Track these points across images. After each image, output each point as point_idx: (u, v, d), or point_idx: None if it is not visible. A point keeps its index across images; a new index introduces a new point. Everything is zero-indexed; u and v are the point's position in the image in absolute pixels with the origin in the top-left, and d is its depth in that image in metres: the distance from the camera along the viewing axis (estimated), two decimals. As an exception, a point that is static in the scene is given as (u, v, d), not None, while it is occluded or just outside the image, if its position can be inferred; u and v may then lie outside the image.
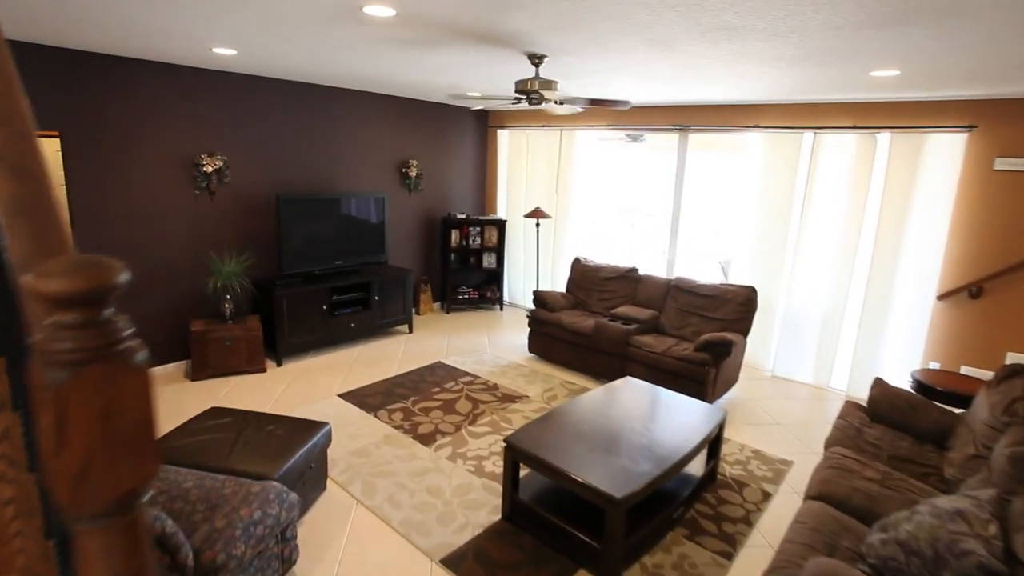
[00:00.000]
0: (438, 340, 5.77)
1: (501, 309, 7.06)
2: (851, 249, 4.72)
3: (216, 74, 4.57)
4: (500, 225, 6.81)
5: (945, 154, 4.27)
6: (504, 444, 2.86)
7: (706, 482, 3.28)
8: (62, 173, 3.91)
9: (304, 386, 4.51)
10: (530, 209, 6.73)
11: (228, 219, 4.85)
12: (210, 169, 4.60)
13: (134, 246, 4.34)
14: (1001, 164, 4.20)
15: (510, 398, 4.42)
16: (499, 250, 6.86)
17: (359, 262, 5.53)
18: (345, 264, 5.40)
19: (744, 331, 4.63)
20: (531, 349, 5.37)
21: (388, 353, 5.32)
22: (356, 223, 5.45)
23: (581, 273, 5.62)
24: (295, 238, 4.97)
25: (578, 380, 4.89)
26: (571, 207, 6.42)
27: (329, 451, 3.49)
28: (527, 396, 4.47)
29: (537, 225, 6.59)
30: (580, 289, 5.59)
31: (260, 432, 2.90)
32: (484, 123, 7.09)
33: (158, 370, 4.63)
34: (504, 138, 6.95)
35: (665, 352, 4.44)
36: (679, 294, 4.99)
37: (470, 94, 5.43)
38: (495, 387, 4.61)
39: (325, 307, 5.12)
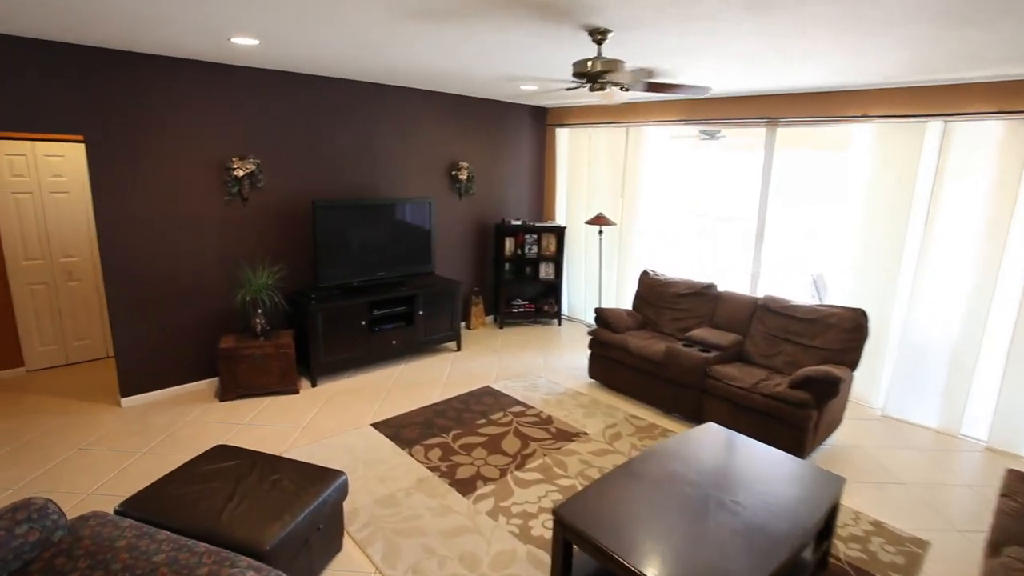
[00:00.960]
0: (488, 360, 5.23)
1: (559, 324, 6.46)
2: (993, 264, 3.79)
3: (246, 71, 4.24)
4: (559, 233, 6.22)
5: None
6: (553, 516, 2.25)
7: (815, 571, 2.54)
8: (87, 178, 3.65)
9: (337, 411, 4.08)
10: (592, 215, 6.10)
11: (261, 227, 4.52)
12: (241, 173, 4.28)
13: (161, 255, 4.06)
14: None
15: (566, 435, 3.80)
16: (558, 260, 6.26)
17: (403, 273, 5.08)
18: (387, 275, 4.97)
19: (852, 364, 3.80)
20: (592, 374, 4.73)
21: (432, 374, 4.83)
22: (400, 231, 5.01)
23: (650, 288, 4.92)
24: (332, 248, 4.58)
25: (645, 414, 4.20)
26: (638, 213, 5.73)
27: (351, 498, 3.01)
28: (585, 433, 3.84)
29: (600, 233, 5.94)
30: (649, 306, 4.90)
31: (263, 483, 2.44)
32: (542, 121, 6.52)
33: (185, 388, 4.34)
34: (564, 137, 6.35)
35: (753, 387, 3.68)
36: (768, 316, 4.20)
37: (524, 87, 4.88)
38: (549, 420, 4.00)
39: (364, 323, 4.69)
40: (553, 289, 6.46)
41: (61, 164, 4.63)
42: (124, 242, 3.88)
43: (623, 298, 5.96)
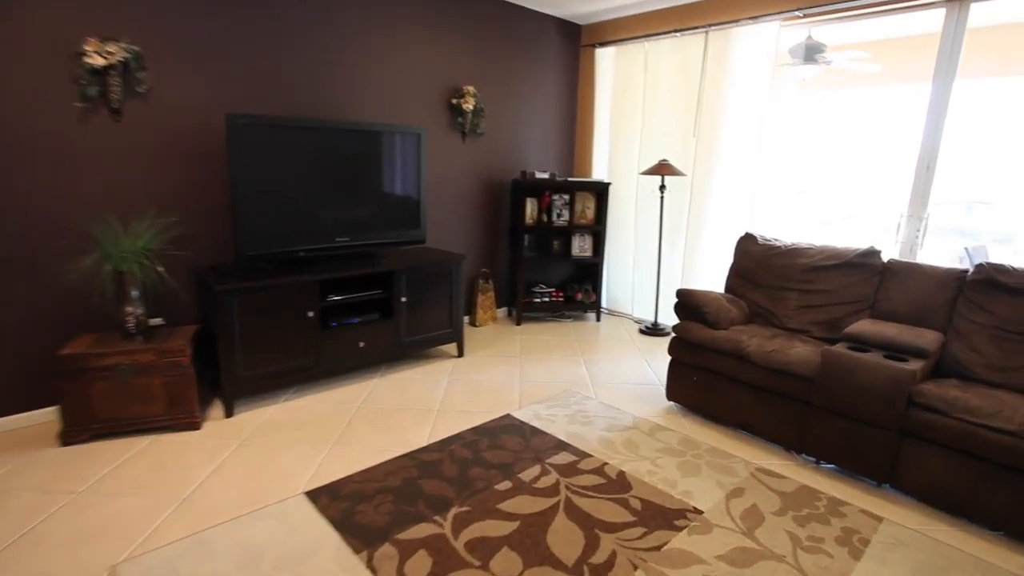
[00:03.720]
0: (505, 372, 3.49)
1: (597, 319, 4.72)
2: None
3: None
4: (600, 191, 4.48)
5: None
6: None
7: None
8: None
9: (253, 463, 2.35)
10: (651, 164, 4.36)
11: (146, 158, 2.79)
12: (102, 63, 2.54)
13: (-57, 195, 2.34)
14: None
15: (662, 514, 2.06)
16: (597, 230, 4.53)
17: (376, 241, 3.34)
18: (354, 243, 3.23)
19: None
20: (672, 395, 2.99)
21: (420, 395, 3.09)
22: (375, 177, 3.27)
23: (760, 261, 3.18)
24: (263, 196, 2.84)
25: (779, 463, 2.46)
26: (719, 158, 3.98)
27: None
28: (695, 510, 2.10)
29: (662, 189, 4.20)
30: (758, 289, 3.16)
31: None
32: (575, 39, 4.78)
33: (8, 423, 2.60)
34: (607, 60, 4.61)
35: (1022, 430, 1.95)
36: (991, 298, 2.47)
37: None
38: (624, 483, 2.26)
39: (313, 314, 2.95)
40: (590, 271, 4.72)
41: None
42: None
43: (694, 280, 4.22)
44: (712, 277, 4.10)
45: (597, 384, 3.32)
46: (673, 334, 2.96)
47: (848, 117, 3.62)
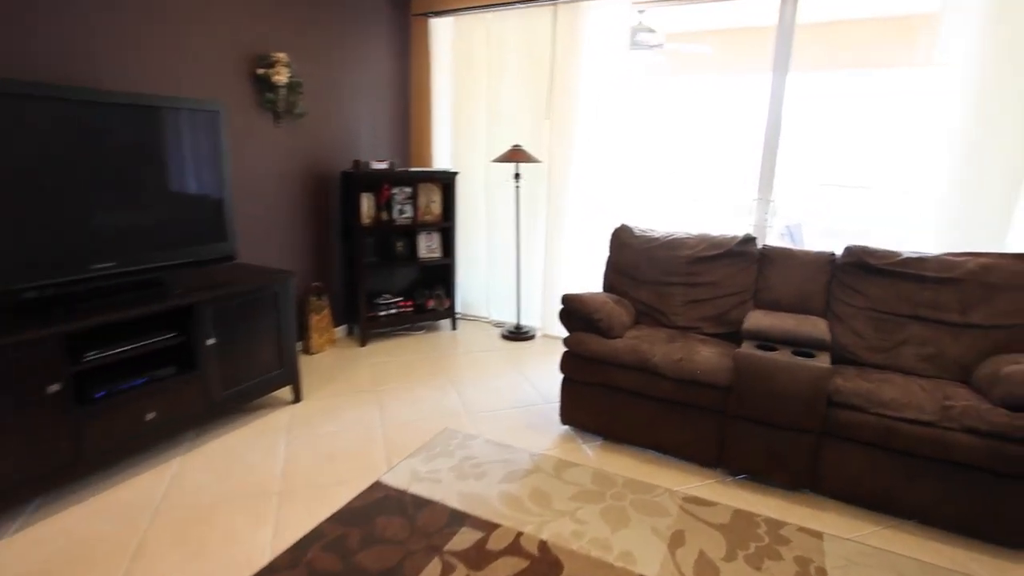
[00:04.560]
0: (360, 415, 2.78)
1: (454, 327, 4.18)
2: None
3: None
4: (447, 182, 3.92)
5: None
6: None
7: None
8: None
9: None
10: (502, 151, 3.92)
11: None
12: None
13: None
14: None
15: (605, 595, 1.62)
16: (446, 227, 3.97)
17: (162, 263, 2.36)
18: (122, 269, 2.22)
19: (1034, 348, 2.24)
20: (567, 418, 2.59)
21: (249, 471, 2.26)
22: (154, 170, 2.27)
23: (640, 255, 2.92)
24: (-64, 204, 1.74)
25: (697, 482, 2.20)
26: (575, 146, 3.69)
27: None
28: (641, 577, 1.70)
29: (517, 178, 3.78)
30: (641, 284, 2.90)
31: None
32: (403, 8, 4.10)
33: None
34: (444, 32, 4.02)
35: (949, 417, 1.90)
36: (866, 281, 2.49)
37: None
38: (550, 560, 1.77)
39: (57, 387, 1.93)
40: (441, 274, 4.16)
41: None
42: None
43: (558, 281, 3.91)
44: (578, 271, 3.82)
45: (476, 415, 2.79)
46: (565, 348, 2.56)
47: (702, 104, 3.58)
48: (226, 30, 2.92)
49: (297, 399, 2.90)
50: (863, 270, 2.50)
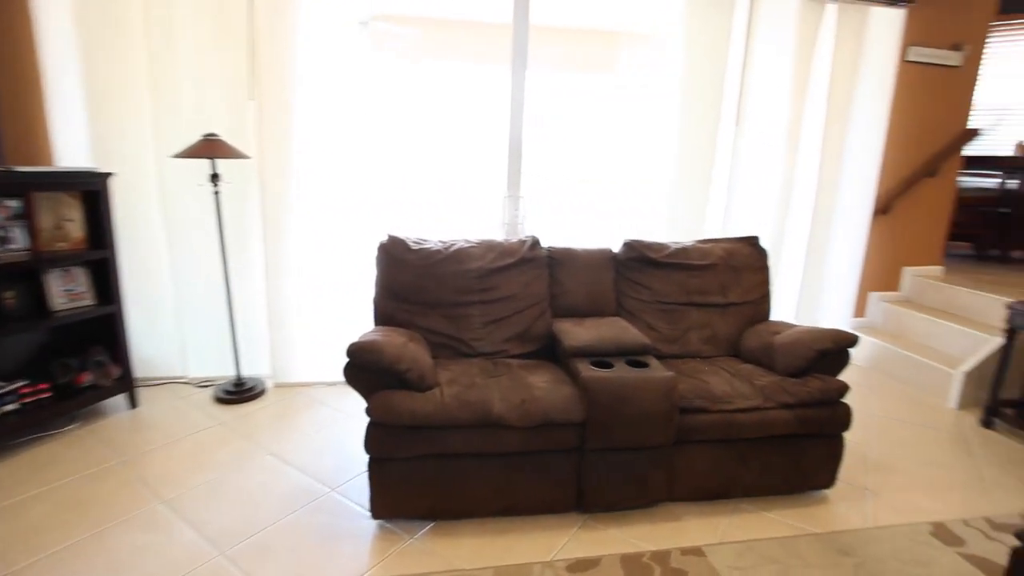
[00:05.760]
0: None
1: (133, 404, 2.82)
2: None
3: None
4: (93, 188, 2.53)
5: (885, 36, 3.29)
6: None
7: None
8: None
9: None
10: (187, 142, 2.73)
11: None
12: None
13: None
14: (913, 55, 3.49)
15: None
16: (100, 257, 2.59)
17: None
18: None
19: (767, 316, 2.65)
20: (382, 510, 1.91)
21: None
22: None
23: (422, 272, 2.36)
24: None
25: (564, 536, 1.89)
26: (295, 135, 2.82)
27: None
28: None
29: (215, 179, 2.70)
30: (430, 310, 2.35)
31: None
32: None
33: None
34: (33, -46, 2.52)
35: (772, 399, 2.02)
36: (647, 274, 2.54)
37: None
38: None
39: None
40: (100, 329, 2.72)
41: None
42: None
43: (285, 310, 3.00)
44: (318, 299, 3.01)
45: (232, 551, 1.83)
46: (369, 419, 1.86)
47: (451, 95, 3.13)
48: None
49: None
50: (644, 263, 2.55)
